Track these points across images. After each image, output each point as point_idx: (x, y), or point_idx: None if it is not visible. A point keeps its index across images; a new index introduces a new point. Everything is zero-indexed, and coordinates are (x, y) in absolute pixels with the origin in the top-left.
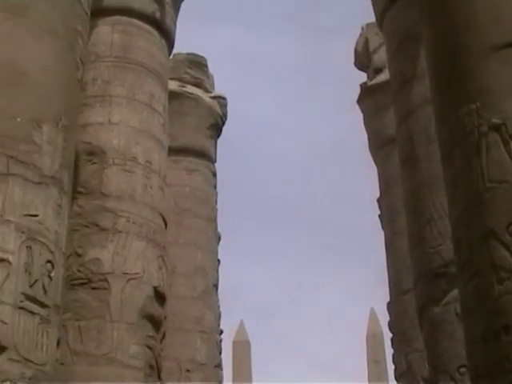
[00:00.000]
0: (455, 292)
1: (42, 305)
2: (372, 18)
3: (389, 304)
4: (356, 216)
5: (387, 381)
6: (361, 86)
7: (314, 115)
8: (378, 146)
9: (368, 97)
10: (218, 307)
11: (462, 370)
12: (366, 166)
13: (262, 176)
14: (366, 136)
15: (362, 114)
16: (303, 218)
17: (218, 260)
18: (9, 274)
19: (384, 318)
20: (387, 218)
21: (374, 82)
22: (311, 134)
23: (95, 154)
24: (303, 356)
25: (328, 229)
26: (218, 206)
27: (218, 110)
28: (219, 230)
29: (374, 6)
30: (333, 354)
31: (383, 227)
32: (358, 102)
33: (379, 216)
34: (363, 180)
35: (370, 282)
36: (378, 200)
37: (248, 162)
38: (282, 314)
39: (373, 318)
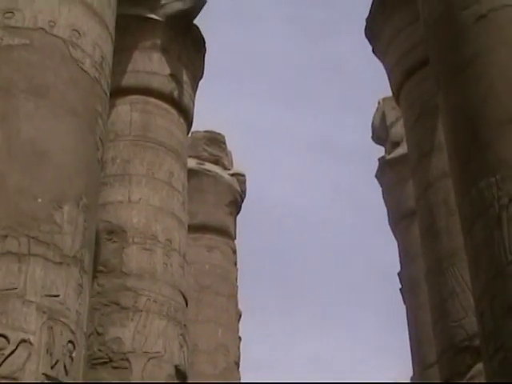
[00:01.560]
0: (480, 366)
1: None
2: (388, 92)
3: (412, 378)
4: (378, 290)
5: None
6: (379, 160)
7: (333, 189)
8: (398, 218)
9: (386, 170)
10: None
11: None
12: (387, 240)
13: (282, 251)
14: (385, 209)
15: (380, 188)
16: (324, 294)
17: (239, 337)
18: (30, 354)
19: None
20: (409, 292)
21: (391, 155)
22: (331, 207)
23: (115, 232)
24: None
25: (350, 304)
26: (239, 282)
27: (237, 186)
28: (240, 306)
29: (390, 80)
30: None
31: (405, 301)
32: (376, 175)
33: (400, 290)
34: (385, 253)
35: (392, 355)
36: (399, 273)
37: (268, 238)
38: None
39: None
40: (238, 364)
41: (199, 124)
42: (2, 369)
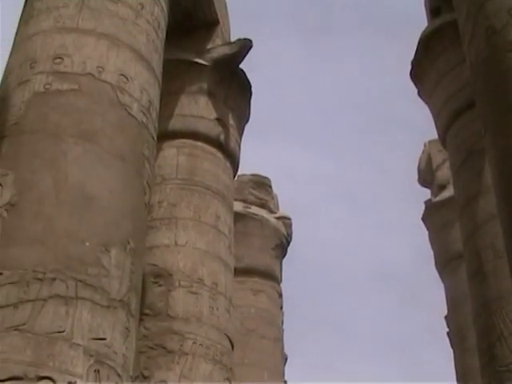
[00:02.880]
0: None
1: None
2: (434, 135)
3: None
4: (423, 333)
5: None
6: (425, 203)
7: (379, 232)
8: (445, 262)
9: (433, 213)
10: None
11: None
12: (433, 284)
13: (327, 295)
14: (431, 253)
15: (427, 231)
16: (366, 336)
17: (285, 381)
18: None
19: None
20: (456, 335)
21: (438, 198)
22: (376, 251)
23: (162, 276)
24: None
25: (393, 347)
26: (285, 326)
27: (283, 230)
28: (285, 350)
29: (436, 122)
30: None
31: (452, 345)
32: (422, 218)
33: (448, 334)
34: (430, 297)
35: None
36: (446, 317)
37: (314, 282)
38: None
39: None
40: None
41: (245, 167)
42: None
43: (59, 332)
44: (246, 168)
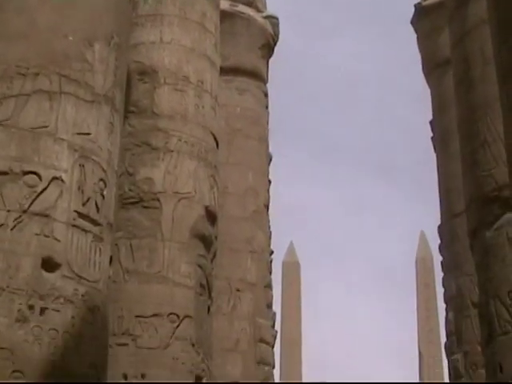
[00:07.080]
0: (508, 216)
1: (95, 223)
2: None
3: (440, 227)
4: (408, 138)
5: (436, 304)
6: (415, 5)
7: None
8: (432, 67)
9: (423, 17)
10: (269, 227)
11: None
12: (419, 89)
13: (311, 96)
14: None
15: (416, 35)
16: (354, 112)
17: (269, 180)
18: (62, 192)
19: (434, 242)
20: (440, 141)
21: (428, 1)
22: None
23: (147, 73)
24: (352, 277)
25: (379, 151)
26: (270, 126)
27: (270, 29)
28: (270, 150)
29: None
30: (382, 279)
31: (435, 150)
32: (411, 22)
33: (432, 138)
34: (415, 103)
35: (420, 204)
36: (431, 122)
37: (299, 83)
38: (332, 235)
39: (423, 241)
40: (267, 207)
41: None
42: (34, 206)
43: (43, 127)
44: None
